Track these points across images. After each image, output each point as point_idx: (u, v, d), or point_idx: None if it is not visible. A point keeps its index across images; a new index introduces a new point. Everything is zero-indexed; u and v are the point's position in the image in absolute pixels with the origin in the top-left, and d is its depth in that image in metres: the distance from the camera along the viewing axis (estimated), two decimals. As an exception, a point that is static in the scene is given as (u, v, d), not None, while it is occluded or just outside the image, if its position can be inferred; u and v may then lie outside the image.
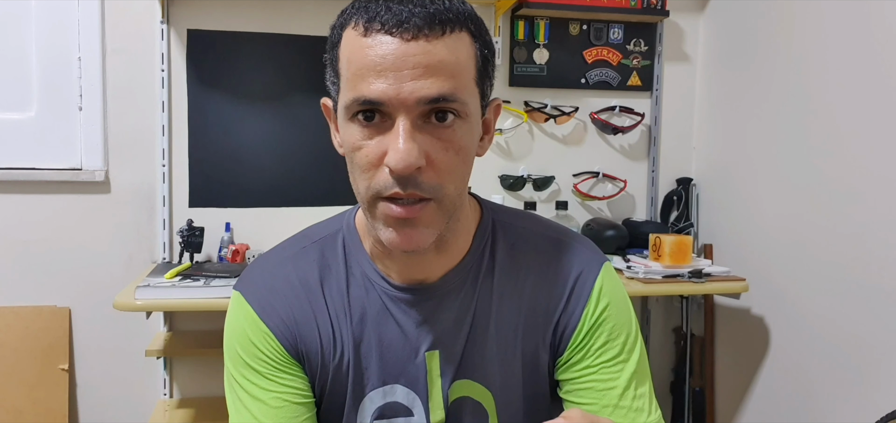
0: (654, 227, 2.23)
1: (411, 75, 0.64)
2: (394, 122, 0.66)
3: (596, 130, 2.33)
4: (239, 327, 0.80)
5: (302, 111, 2.13)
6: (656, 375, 2.45)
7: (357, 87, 0.66)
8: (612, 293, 0.80)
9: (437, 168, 0.67)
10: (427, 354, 0.79)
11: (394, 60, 0.64)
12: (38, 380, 2.00)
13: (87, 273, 2.04)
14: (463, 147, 0.69)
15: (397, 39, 0.64)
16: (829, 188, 1.81)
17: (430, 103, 0.65)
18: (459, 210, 0.76)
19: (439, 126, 0.67)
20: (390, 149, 0.65)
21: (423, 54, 0.64)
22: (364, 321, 0.79)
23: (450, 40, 0.66)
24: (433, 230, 0.70)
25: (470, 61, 0.69)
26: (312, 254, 0.82)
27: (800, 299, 1.91)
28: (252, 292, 0.80)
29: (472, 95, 0.69)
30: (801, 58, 1.91)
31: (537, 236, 0.83)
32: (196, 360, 2.12)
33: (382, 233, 0.70)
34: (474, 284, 0.80)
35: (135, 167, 2.06)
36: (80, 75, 2.00)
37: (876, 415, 1.55)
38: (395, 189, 0.66)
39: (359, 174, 0.69)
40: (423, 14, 0.65)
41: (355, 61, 0.66)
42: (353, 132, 0.68)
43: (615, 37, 2.31)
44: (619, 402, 0.77)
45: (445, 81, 0.65)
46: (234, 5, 2.07)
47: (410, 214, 0.67)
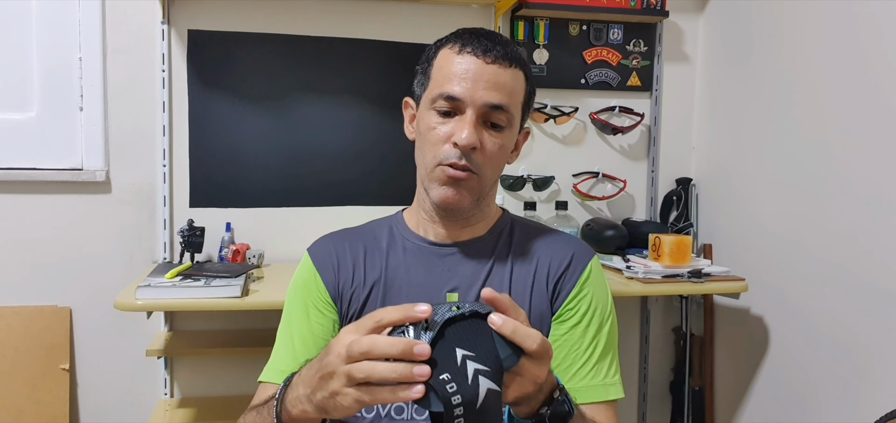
0: (654, 227, 2.23)
1: (484, 85, 0.94)
2: (464, 114, 0.94)
3: (596, 130, 2.34)
4: (301, 273, 1.06)
5: (302, 111, 2.13)
6: (656, 375, 2.46)
7: (445, 86, 0.95)
8: (598, 275, 1.06)
9: (484, 154, 0.96)
10: (448, 294, 1.01)
11: (474, 73, 0.94)
12: (38, 380, 2.00)
13: (87, 273, 2.04)
14: (503, 146, 0.98)
15: (480, 60, 0.94)
16: (829, 188, 1.81)
17: (491, 108, 0.94)
18: (490, 194, 1.04)
19: (492, 129, 0.96)
20: (458, 130, 0.94)
21: (494, 75, 0.94)
22: (398, 267, 1.03)
23: (512, 72, 0.96)
24: (472, 196, 0.98)
25: (521, 92, 0.99)
26: (365, 231, 1.10)
27: (799, 299, 1.92)
28: (314, 251, 1.08)
29: (518, 113, 0.99)
30: (800, 58, 1.91)
31: (547, 230, 1.11)
32: (197, 360, 2.12)
33: (436, 191, 0.97)
34: (493, 250, 1.04)
35: (135, 167, 2.06)
36: (81, 75, 2.00)
37: (875, 415, 1.55)
38: (454, 159, 0.94)
39: (428, 147, 0.97)
40: (501, 50, 0.95)
41: (447, 68, 0.96)
42: (432, 117, 0.97)
43: (615, 37, 2.31)
44: (584, 361, 0.99)
45: (504, 97, 0.95)
46: (234, 5, 2.07)
47: (461, 174, 0.95)
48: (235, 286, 1.66)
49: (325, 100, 2.15)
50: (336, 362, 0.70)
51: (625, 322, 2.41)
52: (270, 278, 1.89)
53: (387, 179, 2.19)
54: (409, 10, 2.17)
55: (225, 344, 2.02)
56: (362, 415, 0.98)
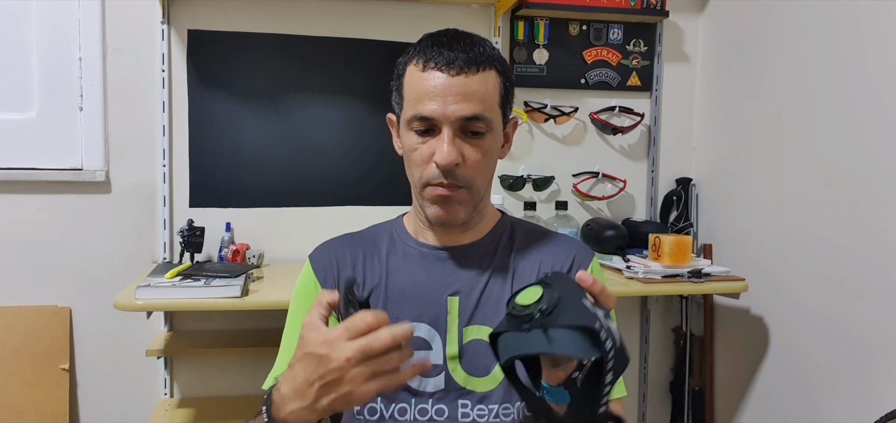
0: (654, 227, 2.23)
1: (454, 100, 0.91)
2: (441, 131, 0.92)
3: (595, 130, 2.34)
4: (301, 281, 1.07)
5: (302, 111, 2.13)
6: (656, 375, 2.46)
7: (416, 106, 0.93)
8: (599, 276, 1.02)
9: (469, 166, 0.95)
10: (449, 297, 1.00)
11: (442, 89, 0.91)
12: (38, 380, 2.00)
13: (87, 273, 2.04)
14: (488, 151, 0.96)
15: (445, 74, 0.92)
16: (829, 188, 1.81)
17: (466, 120, 0.92)
18: (485, 198, 1.02)
19: (473, 138, 0.94)
20: (437, 150, 0.92)
21: (462, 86, 0.92)
22: (399, 273, 1.03)
23: (481, 76, 0.93)
24: (465, 208, 0.97)
25: (495, 91, 0.96)
26: (366, 236, 1.09)
27: (799, 299, 1.92)
28: (314, 257, 1.08)
29: (497, 115, 0.97)
30: (800, 58, 1.91)
31: (547, 232, 1.10)
32: (197, 360, 2.12)
33: (428, 210, 0.97)
34: (494, 254, 1.04)
35: (135, 167, 2.06)
36: (81, 75, 2.00)
37: (876, 415, 1.55)
38: (440, 179, 0.94)
39: (414, 167, 0.97)
40: (464, 58, 0.92)
41: (415, 88, 0.94)
42: (412, 138, 0.96)
43: (615, 37, 2.31)
44: None
45: (477, 105, 0.92)
46: (234, 5, 2.07)
47: (449, 192, 0.95)
48: (235, 286, 1.66)
49: (325, 100, 2.15)
50: (343, 366, 0.72)
51: (625, 322, 2.41)
52: (270, 278, 1.89)
53: (386, 179, 2.18)
54: (409, 10, 2.17)
55: (225, 344, 2.02)
56: (365, 418, 0.98)
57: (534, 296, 0.69)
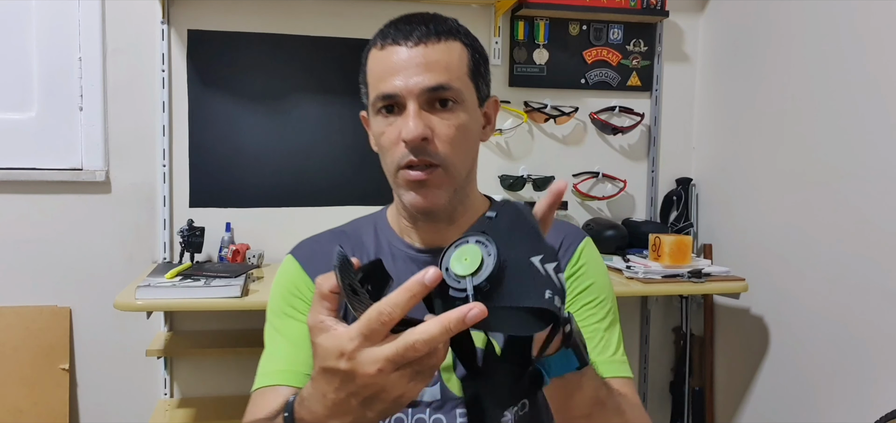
0: (654, 227, 2.23)
1: (415, 72, 0.86)
2: (406, 108, 0.86)
3: (596, 130, 2.34)
4: (286, 279, 0.99)
5: (302, 111, 2.13)
6: (656, 375, 2.46)
7: (378, 87, 0.88)
8: (590, 255, 1.01)
9: (441, 140, 0.87)
10: None
11: (403, 62, 0.86)
12: (38, 380, 2.00)
13: (87, 273, 2.04)
14: (462, 125, 0.88)
15: (404, 47, 0.87)
16: (829, 188, 1.81)
17: (430, 91, 0.86)
18: (468, 185, 0.95)
19: (442, 110, 0.88)
20: (403, 126, 0.86)
21: (422, 56, 0.86)
22: None
23: (443, 45, 0.88)
24: (444, 192, 0.89)
25: (462, 61, 0.89)
26: (349, 232, 1.04)
27: (799, 299, 1.92)
28: (299, 252, 1.02)
29: (467, 86, 0.89)
30: (800, 58, 1.91)
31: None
32: (196, 360, 2.12)
33: (406, 197, 0.90)
34: None
35: (135, 167, 2.06)
36: (81, 75, 2.00)
37: (876, 415, 1.56)
38: (410, 158, 0.86)
39: (385, 153, 0.90)
40: (422, 29, 0.87)
41: (376, 69, 0.89)
42: (379, 123, 0.89)
43: (615, 37, 2.31)
44: (591, 336, 0.94)
45: (440, 74, 0.86)
46: (234, 5, 2.07)
47: (424, 175, 0.87)
48: (235, 286, 1.66)
49: (325, 100, 2.15)
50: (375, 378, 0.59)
51: (625, 322, 2.40)
52: (270, 278, 1.88)
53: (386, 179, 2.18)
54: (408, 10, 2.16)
55: (225, 344, 2.02)
56: None
57: (470, 263, 0.59)
